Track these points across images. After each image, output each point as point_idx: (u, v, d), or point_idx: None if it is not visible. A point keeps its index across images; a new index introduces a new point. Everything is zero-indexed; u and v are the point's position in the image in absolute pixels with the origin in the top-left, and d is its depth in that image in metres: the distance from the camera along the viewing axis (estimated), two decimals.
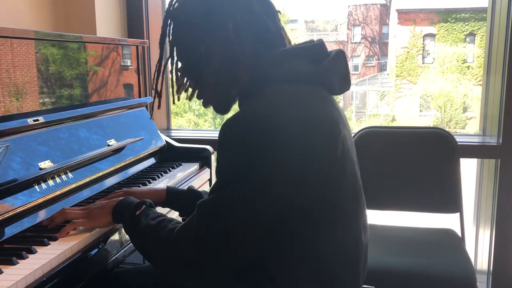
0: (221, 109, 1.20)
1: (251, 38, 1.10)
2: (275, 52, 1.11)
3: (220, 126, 1.02)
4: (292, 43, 1.19)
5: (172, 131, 2.64)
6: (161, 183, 1.70)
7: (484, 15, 10.29)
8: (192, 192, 1.40)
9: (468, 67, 11.77)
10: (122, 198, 1.25)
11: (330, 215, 1.04)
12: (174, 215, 1.43)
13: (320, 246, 1.04)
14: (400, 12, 12.85)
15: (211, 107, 1.20)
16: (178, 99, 1.23)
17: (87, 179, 1.50)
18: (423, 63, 12.42)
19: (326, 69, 1.10)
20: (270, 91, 1.05)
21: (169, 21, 1.15)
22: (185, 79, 1.19)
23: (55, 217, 1.25)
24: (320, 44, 1.13)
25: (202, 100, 1.20)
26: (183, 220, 1.32)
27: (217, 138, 1.03)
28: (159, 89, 1.20)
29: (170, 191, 1.39)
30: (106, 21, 2.33)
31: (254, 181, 0.96)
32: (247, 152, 0.97)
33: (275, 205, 0.98)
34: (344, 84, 1.15)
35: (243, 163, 0.97)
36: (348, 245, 1.09)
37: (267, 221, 0.99)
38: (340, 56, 1.12)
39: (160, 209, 1.36)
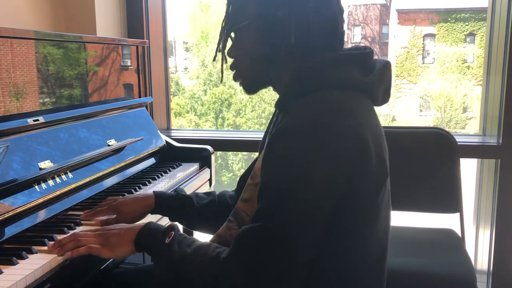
0: (249, 88, 1.16)
1: (320, 29, 1.08)
2: (331, 54, 1.08)
3: (274, 131, 0.97)
4: None
5: (172, 131, 2.64)
6: (161, 183, 1.70)
7: (484, 15, 10.30)
8: (181, 196, 1.37)
9: (468, 67, 11.76)
10: (143, 225, 1.12)
11: (370, 221, 1.03)
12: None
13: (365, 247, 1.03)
14: (400, 12, 12.83)
15: (240, 82, 1.16)
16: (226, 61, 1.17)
17: (87, 179, 1.50)
18: (423, 63, 12.41)
19: (375, 80, 1.07)
20: (325, 98, 1.01)
21: None
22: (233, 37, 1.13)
23: (65, 242, 1.10)
24: (370, 53, 1.10)
25: (234, 72, 1.16)
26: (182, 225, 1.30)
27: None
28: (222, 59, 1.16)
29: (158, 197, 1.34)
30: (106, 21, 2.33)
31: (309, 199, 0.92)
32: (303, 165, 0.93)
33: (328, 219, 0.95)
34: (385, 96, 1.13)
35: (298, 179, 0.93)
36: (375, 250, 1.07)
37: (319, 233, 0.96)
38: (387, 68, 1.10)
39: (149, 216, 1.35)
